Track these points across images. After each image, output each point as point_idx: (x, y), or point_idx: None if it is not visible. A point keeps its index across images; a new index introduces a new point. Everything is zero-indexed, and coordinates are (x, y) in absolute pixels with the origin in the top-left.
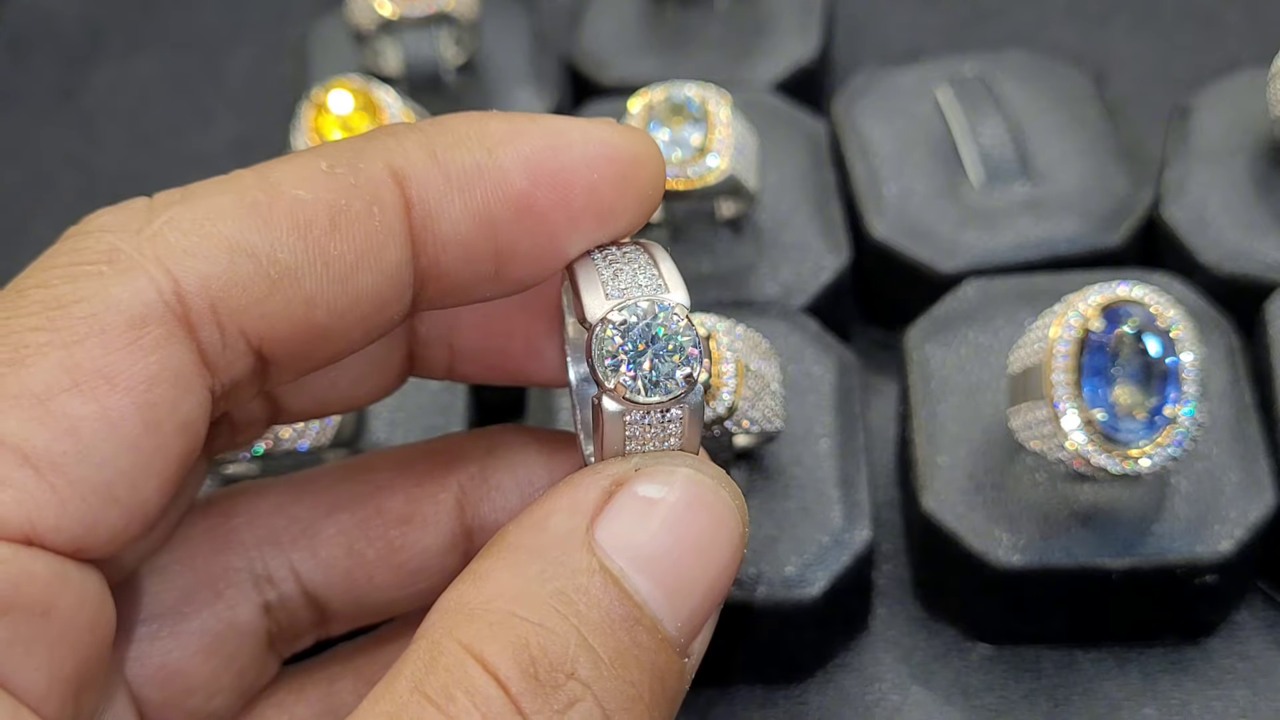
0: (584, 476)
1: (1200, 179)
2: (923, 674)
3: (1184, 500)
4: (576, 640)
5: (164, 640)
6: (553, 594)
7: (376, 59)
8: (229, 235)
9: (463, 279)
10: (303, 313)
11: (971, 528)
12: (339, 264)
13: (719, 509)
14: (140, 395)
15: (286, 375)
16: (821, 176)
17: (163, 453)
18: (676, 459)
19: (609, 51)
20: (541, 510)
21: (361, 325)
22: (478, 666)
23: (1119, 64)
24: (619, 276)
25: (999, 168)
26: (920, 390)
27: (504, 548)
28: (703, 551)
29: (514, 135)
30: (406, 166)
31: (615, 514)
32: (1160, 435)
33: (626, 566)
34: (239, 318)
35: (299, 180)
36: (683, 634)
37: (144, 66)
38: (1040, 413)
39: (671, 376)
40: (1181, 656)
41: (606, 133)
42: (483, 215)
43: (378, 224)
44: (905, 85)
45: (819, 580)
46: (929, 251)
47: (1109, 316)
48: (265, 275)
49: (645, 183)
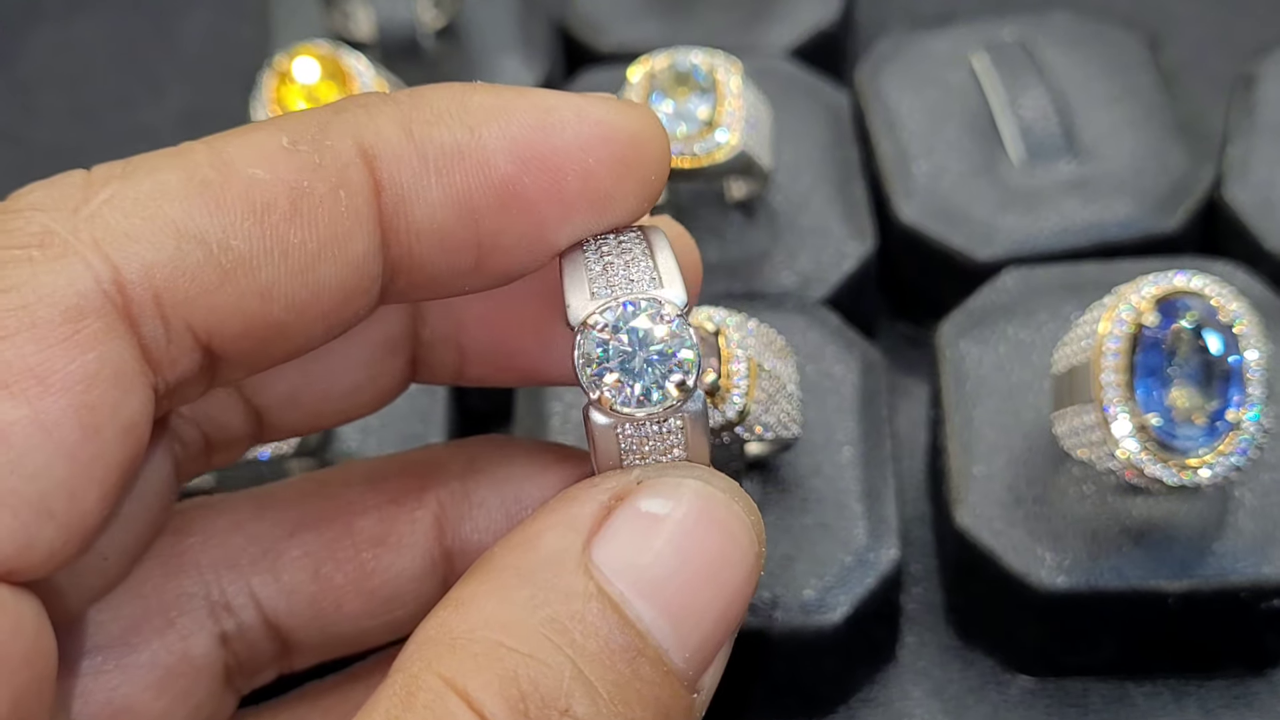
0: (580, 490)
1: (1266, 156)
2: (956, 709)
3: (1248, 515)
4: (571, 673)
5: (110, 674)
6: (545, 621)
7: (346, 22)
8: (176, 218)
9: (438, 271)
10: (257, 306)
11: (1011, 546)
12: (299, 253)
13: (731, 526)
14: (77, 397)
15: (237, 372)
16: (843, 153)
17: (103, 460)
18: (683, 470)
19: (606, 15)
20: (533, 528)
21: (323, 321)
22: (461, 703)
23: (1176, 27)
24: (609, 271)
25: (1042, 144)
26: (954, 392)
27: (491, 570)
28: (713, 574)
29: (500, 112)
30: (378, 144)
31: (615, 532)
32: (1222, 442)
33: (627, 591)
34: (185, 310)
35: (256, 157)
36: (691, 666)
37: (85, 29)
38: (1088, 417)
39: (662, 386)
40: (1246, 690)
41: (604, 110)
42: (463, 202)
43: (344, 210)
44: (937, 51)
45: (841, 605)
46: (963, 237)
47: (1165, 310)
48: (216, 264)
49: (647, 167)
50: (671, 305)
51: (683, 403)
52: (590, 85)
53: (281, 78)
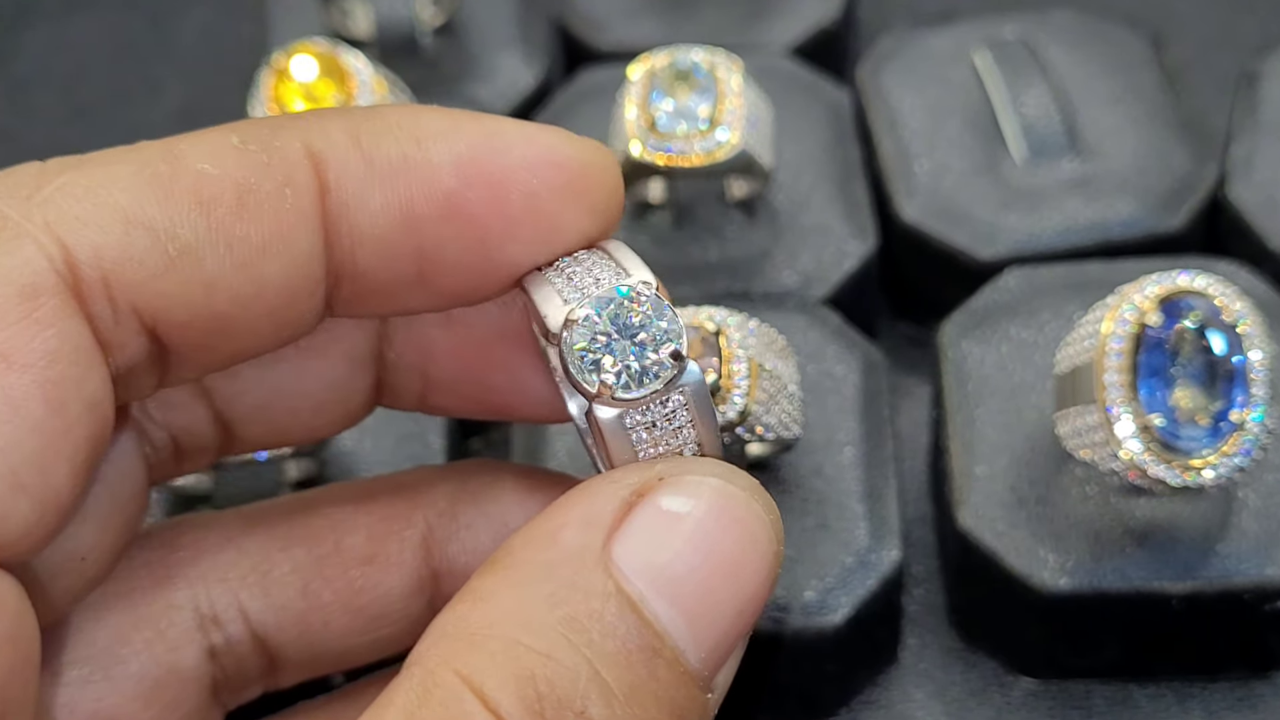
0: (600, 485)
1: (1270, 155)
2: (959, 711)
3: (1252, 516)
4: (588, 674)
5: (97, 685)
6: (563, 620)
7: (344, 20)
8: (125, 206)
9: (382, 280)
10: (202, 296)
11: (1013, 547)
12: (244, 247)
13: (751, 525)
14: (41, 373)
15: (188, 368)
16: (845, 152)
17: (70, 435)
18: (705, 467)
19: (605, 12)
20: (553, 523)
21: (269, 319)
22: (476, 701)
23: (1179, 25)
24: (573, 280)
25: (1044, 142)
26: (956, 392)
27: (509, 564)
28: (732, 573)
29: (449, 130)
30: (326, 149)
31: (635, 529)
32: (1225, 443)
33: (647, 590)
34: (131, 294)
35: (207, 154)
36: (706, 666)
37: (82, 28)
38: (1091, 418)
39: (657, 358)
40: (1250, 692)
41: (552, 138)
42: (405, 211)
43: (289, 207)
44: (939, 49)
45: (842, 606)
46: (965, 236)
47: (1168, 310)
48: (163, 251)
49: (595, 195)
50: (643, 284)
51: (680, 373)
52: (590, 83)
53: (279, 76)
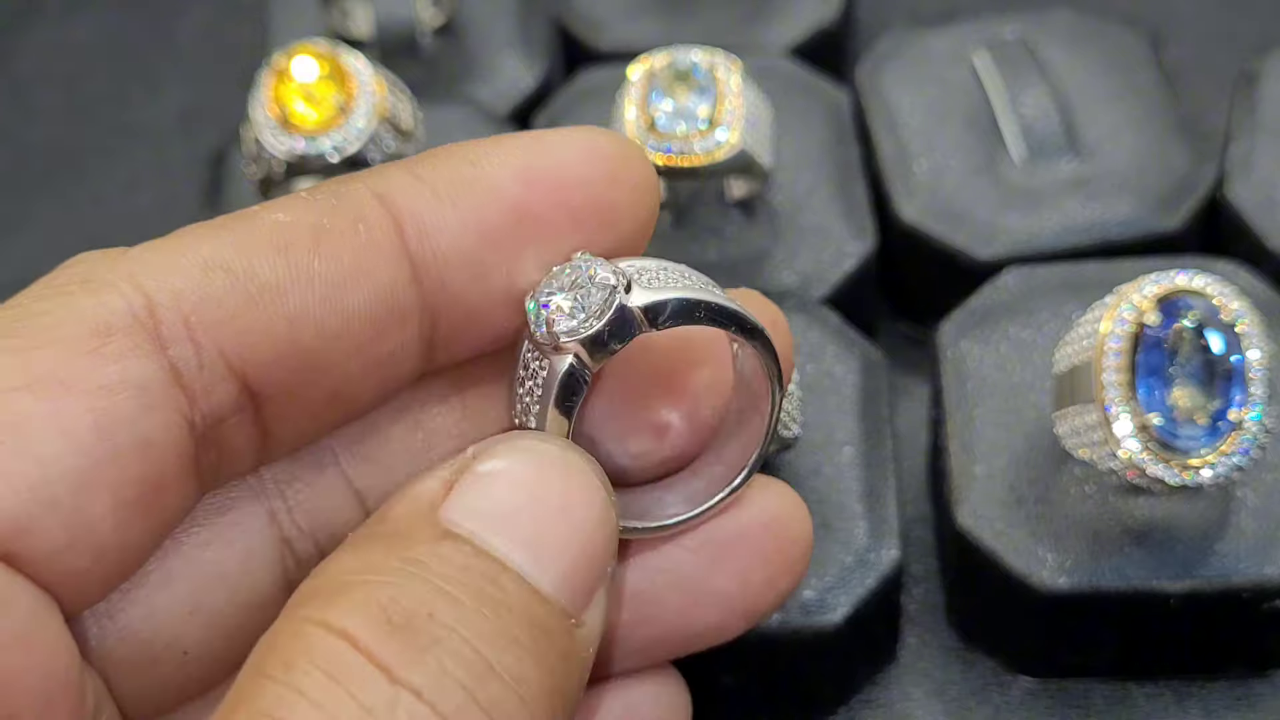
0: (421, 475)
1: (1269, 154)
2: (958, 710)
3: (1251, 515)
4: (432, 590)
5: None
6: (403, 560)
7: (344, 20)
8: (204, 254)
9: (476, 303)
10: (285, 331)
11: (1012, 546)
12: (323, 281)
13: (570, 468)
14: (95, 400)
15: (284, 425)
16: (844, 152)
17: (116, 466)
18: (513, 437)
19: (605, 12)
20: (382, 510)
21: (358, 356)
22: (321, 630)
23: (1178, 25)
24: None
25: (1043, 142)
26: (955, 392)
27: (346, 544)
28: (563, 510)
29: (494, 146)
30: (389, 188)
31: (459, 493)
32: (1224, 442)
33: (477, 528)
34: (215, 333)
35: (278, 207)
36: (563, 596)
37: (82, 28)
38: (1089, 417)
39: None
40: (1249, 691)
41: (586, 134)
42: (481, 226)
43: (364, 241)
44: (938, 49)
45: (841, 606)
46: (964, 236)
47: (1166, 309)
48: (243, 290)
49: (639, 179)
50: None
51: (615, 312)
52: (589, 83)
53: (280, 76)
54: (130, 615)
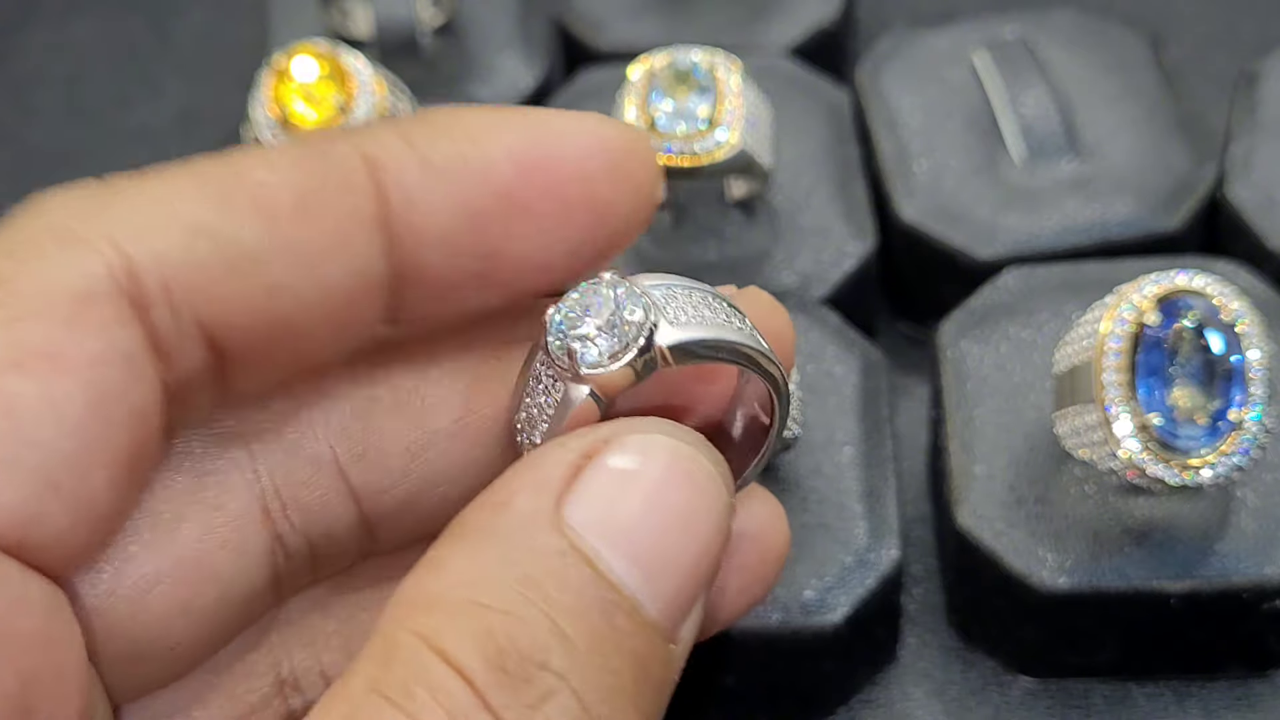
0: (548, 450)
1: (1269, 154)
2: (958, 710)
3: (1251, 515)
4: (548, 627)
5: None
6: (519, 579)
7: (344, 20)
8: (187, 215)
9: (447, 279)
10: (264, 301)
11: (1012, 546)
12: (305, 250)
13: (700, 478)
14: (85, 376)
15: (247, 381)
16: (844, 152)
17: (110, 441)
18: (650, 425)
19: (605, 12)
20: (504, 490)
21: (329, 323)
22: (438, 660)
23: (1178, 25)
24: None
25: (1043, 142)
26: (955, 392)
27: (463, 533)
28: (685, 526)
29: (498, 124)
30: (380, 154)
31: (585, 489)
32: (1224, 442)
33: (600, 546)
34: (193, 299)
35: (263, 164)
36: (666, 618)
37: (82, 29)
38: (1089, 417)
39: (627, 328)
40: (1248, 691)
41: (595, 124)
42: (466, 207)
43: (348, 209)
44: (938, 49)
45: (841, 605)
46: (964, 236)
47: (1166, 309)
48: (224, 256)
49: (640, 176)
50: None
51: (648, 349)
52: (589, 84)
53: (280, 76)
54: (121, 614)
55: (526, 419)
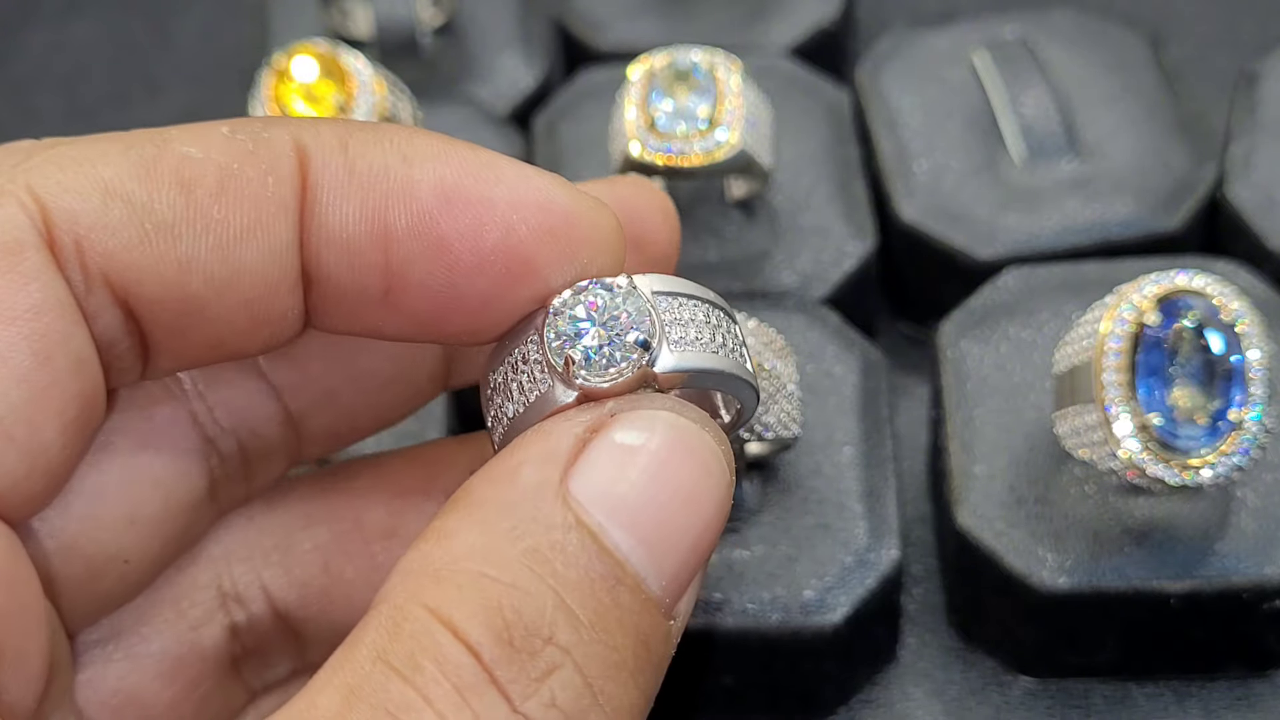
0: (555, 424)
1: (1269, 154)
2: (958, 710)
3: (1251, 515)
4: (554, 602)
5: (119, 663)
6: (526, 552)
7: (344, 20)
8: (107, 178)
9: (347, 289)
10: (175, 274)
11: (1012, 546)
12: (221, 229)
13: (704, 455)
14: (26, 325)
15: (168, 357)
16: (844, 152)
17: (59, 389)
18: (656, 401)
19: (605, 12)
20: (511, 461)
21: (246, 310)
22: (446, 633)
23: (1178, 25)
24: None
25: (1043, 142)
26: (955, 392)
27: (471, 502)
28: (687, 502)
29: (440, 154)
30: (312, 146)
31: (591, 463)
32: (1224, 442)
33: (605, 520)
34: (103, 262)
35: (193, 139)
36: (667, 593)
37: (82, 29)
38: (1089, 417)
39: (624, 343)
40: (1248, 691)
41: (546, 182)
42: (376, 221)
43: (270, 195)
44: (938, 49)
45: (841, 605)
46: (964, 236)
47: (1166, 309)
48: (138, 225)
49: (580, 246)
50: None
51: (648, 363)
52: (589, 83)
53: (280, 76)
54: (73, 533)
55: (502, 386)
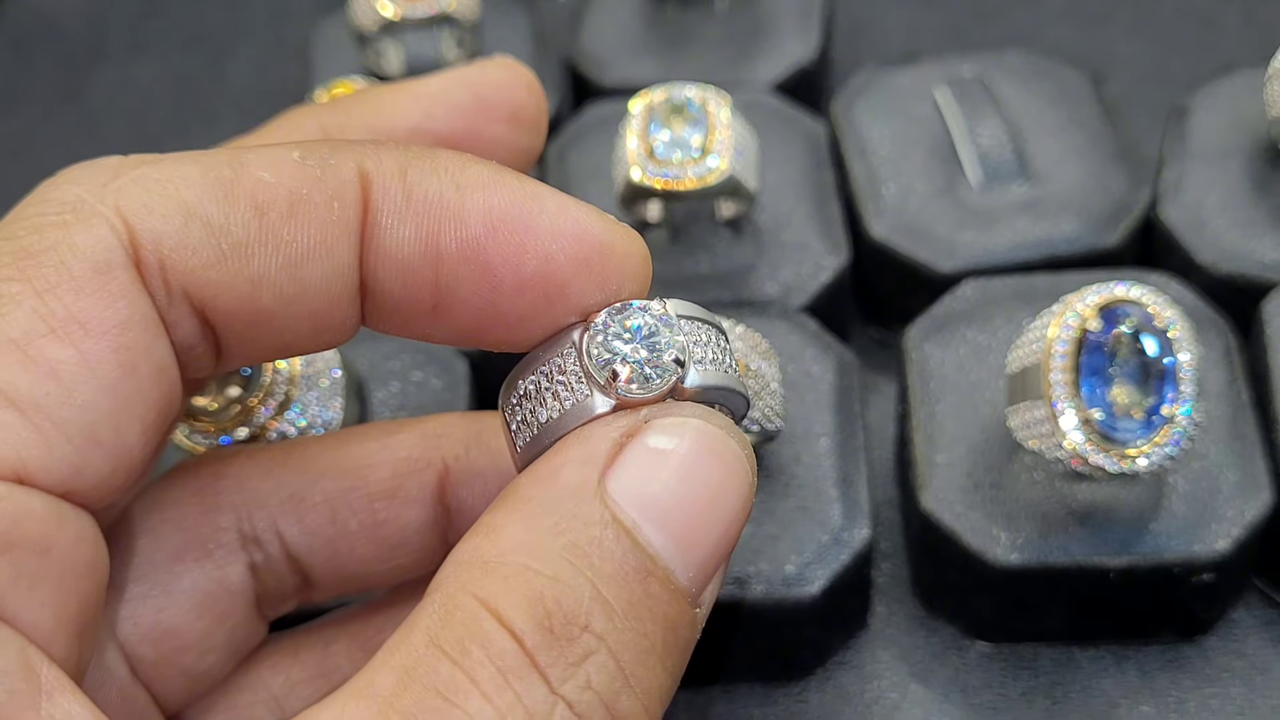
0: (594, 429)
1: (1197, 179)
2: (921, 672)
3: (1181, 499)
4: (590, 593)
5: (156, 599)
6: (566, 547)
7: (379, 60)
8: (188, 200)
9: (399, 301)
10: (248, 290)
11: (970, 526)
12: (290, 250)
13: (729, 459)
14: (114, 339)
15: (237, 356)
16: (821, 177)
17: (141, 396)
18: (686, 410)
19: (610, 53)
20: (554, 462)
21: (310, 320)
22: (493, 620)
23: (1117, 64)
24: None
25: (997, 168)
26: (919, 389)
27: (517, 500)
28: (714, 501)
29: (490, 183)
30: (375, 173)
31: (627, 465)
32: (1157, 434)
33: (639, 518)
34: (184, 279)
35: (267, 163)
36: (694, 584)
37: (146, 67)
38: (1038, 412)
39: (661, 363)
40: (1179, 654)
41: (583, 213)
42: (430, 244)
43: (335, 219)
44: (904, 86)
45: (818, 579)
46: (928, 251)
47: (1107, 316)
48: (215, 245)
49: (611, 274)
50: (657, 301)
51: (679, 379)
52: (595, 116)
53: None
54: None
55: (534, 393)
